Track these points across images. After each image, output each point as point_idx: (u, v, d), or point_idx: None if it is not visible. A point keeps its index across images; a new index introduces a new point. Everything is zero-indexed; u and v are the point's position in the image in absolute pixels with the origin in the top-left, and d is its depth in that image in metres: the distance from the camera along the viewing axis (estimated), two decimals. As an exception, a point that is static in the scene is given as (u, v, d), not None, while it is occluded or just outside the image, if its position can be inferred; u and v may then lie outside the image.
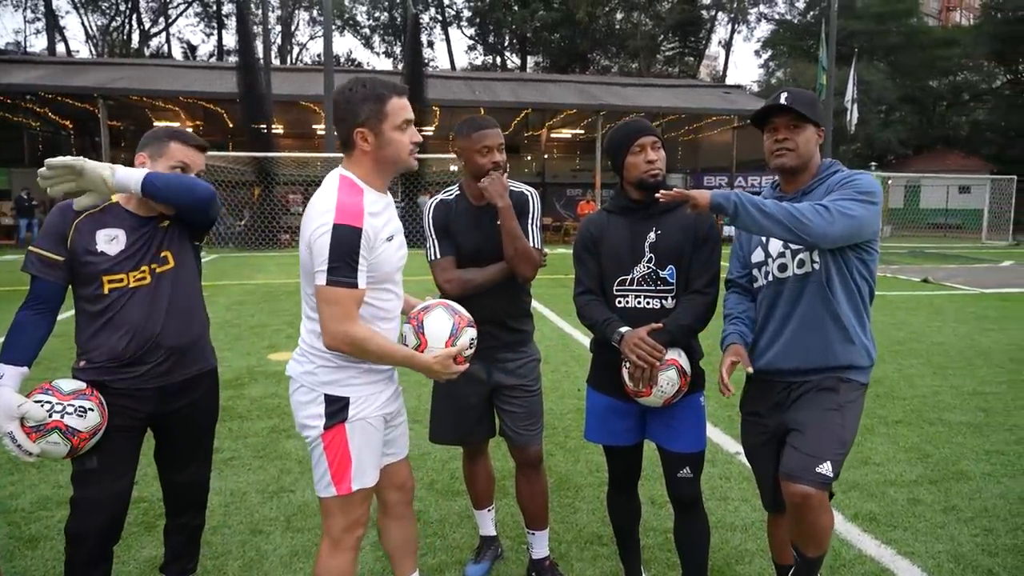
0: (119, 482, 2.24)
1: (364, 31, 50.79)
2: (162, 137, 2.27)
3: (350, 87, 2.03)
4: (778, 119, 2.23)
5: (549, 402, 5.39)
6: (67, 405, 2.07)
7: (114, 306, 2.21)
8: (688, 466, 2.46)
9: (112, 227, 2.21)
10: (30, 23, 48.64)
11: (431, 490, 3.75)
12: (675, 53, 49.99)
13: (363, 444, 2.08)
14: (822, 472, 2.04)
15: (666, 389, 2.30)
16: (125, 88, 25.56)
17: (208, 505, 3.47)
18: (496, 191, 2.55)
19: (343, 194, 1.98)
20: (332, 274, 1.90)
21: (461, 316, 2.20)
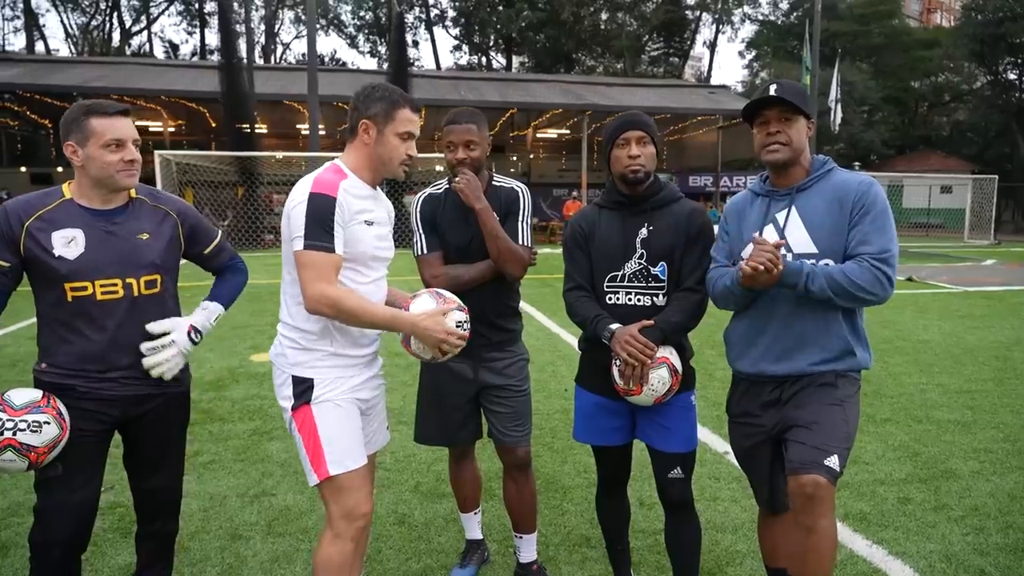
0: (86, 488, 2.14)
1: (349, 30, 50.58)
2: (79, 118, 2.06)
3: (373, 86, 2.17)
4: (769, 112, 2.17)
5: (535, 402, 5.30)
6: (19, 421, 1.95)
7: (80, 314, 2.09)
8: (679, 466, 2.41)
9: (68, 227, 2.08)
10: (8, 20, 48.09)
11: (416, 492, 3.67)
12: (660, 53, 50.19)
13: (332, 426, 2.08)
14: (830, 465, 1.99)
15: (657, 388, 2.25)
16: (104, 87, 25.18)
17: (186, 510, 3.41)
18: (472, 193, 2.48)
19: (323, 173, 2.10)
20: (308, 238, 1.99)
21: (447, 299, 2.21)
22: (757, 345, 2.24)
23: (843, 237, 2.12)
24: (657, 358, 2.25)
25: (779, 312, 2.18)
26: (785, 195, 2.22)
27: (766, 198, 2.26)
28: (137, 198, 2.22)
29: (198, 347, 2.36)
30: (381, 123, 2.11)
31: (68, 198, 2.12)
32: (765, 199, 2.27)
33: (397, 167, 2.16)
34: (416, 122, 2.16)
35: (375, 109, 2.10)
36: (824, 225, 2.14)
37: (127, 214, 2.18)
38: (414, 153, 2.18)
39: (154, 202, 2.26)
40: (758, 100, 2.18)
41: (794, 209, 2.19)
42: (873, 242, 2.08)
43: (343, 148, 2.20)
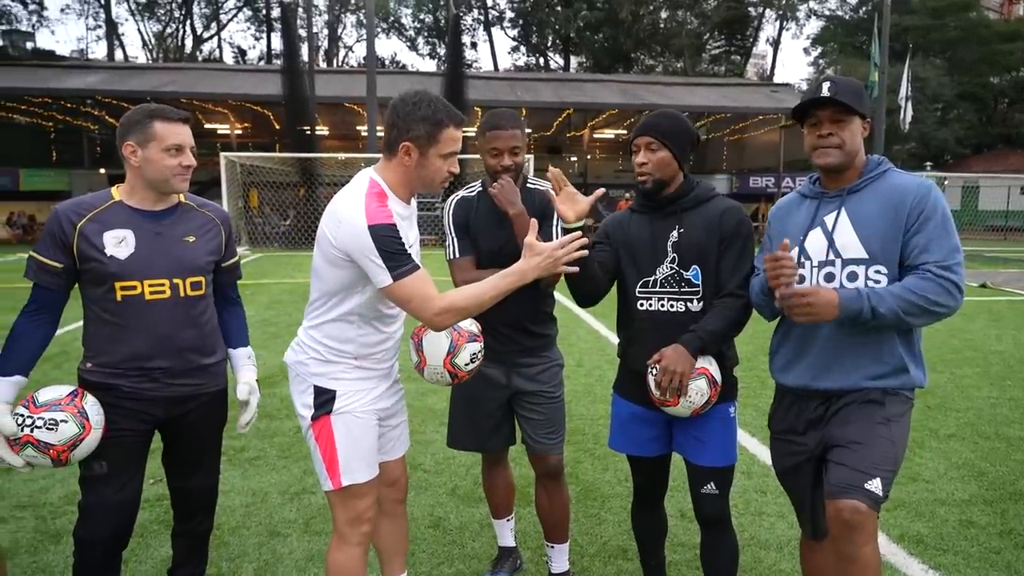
0: (127, 488, 2.19)
1: (409, 33, 51.33)
2: (143, 119, 2.10)
3: (415, 100, 2.01)
4: (821, 112, 2.04)
5: (580, 407, 5.27)
6: (36, 419, 1.99)
7: (128, 315, 2.14)
8: (713, 482, 2.31)
9: (118, 228, 2.13)
10: (92, 30, 50.62)
11: (453, 496, 3.65)
12: (721, 52, 49.20)
13: (350, 437, 2.09)
14: (871, 489, 1.86)
15: (695, 400, 2.16)
16: (176, 91, 26.26)
17: (229, 505, 3.49)
18: (507, 198, 2.42)
19: (368, 199, 1.97)
20: (394, 270, 1.92)
21: (460, 332, 2.18)
22: (803, 357, 2.11)
23: (897, 244, 1.99)
24: (697, 369, 2.16)
25: (821, 327, 2.06)
26: (835, 197, 2.09)
27: (814, 200, 2.14)
28: (184, 203, 2.27)
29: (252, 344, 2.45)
30: (424, 146, 2.00)
31: (118, 200, 2.18)
32: (813, 201, 2.14)
33: (439, 186, 2.09)
34: (459, 139, 2.06)
35: (418, 131, 1.99)
36: (877, 229, 2.01)
37: (174, 217, 2.22)
38: (456, 170, 2.09)
39: (199, 207, 2.31)
40: (810, 100, 2.05)
41: (844, 212, 2.06)
42: (935, 249, 1.95)
43: None
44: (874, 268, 2.00)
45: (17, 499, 3.58)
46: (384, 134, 2.07)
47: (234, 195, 22.06)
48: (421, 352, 2.18)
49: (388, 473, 2.32)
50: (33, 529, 3.26)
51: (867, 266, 2.01)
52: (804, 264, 2.10)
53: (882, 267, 2.00)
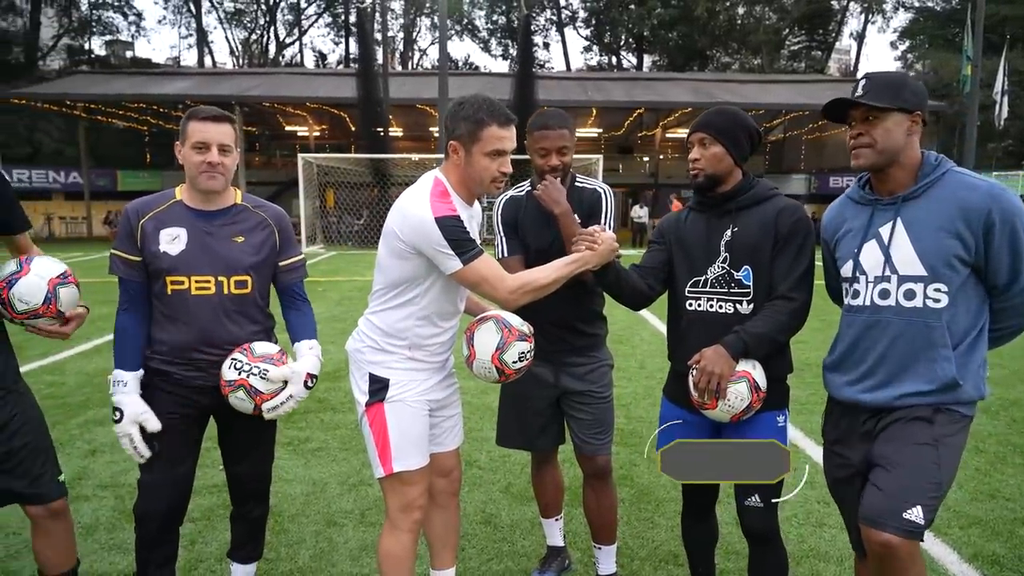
0: (178, 468, 2.31)
1: (482, 35, 51.80)
2: (184, 120, 2.24)
3: (461, 101, 2.13)
4: (853, 111, 1.95)
5: (640, 409, 5.21)
6: (253, 366, 2.19)
7: (176, 307, 2.26)
8: (758, 494, 2.23)
9: (174, 226, 2.26)
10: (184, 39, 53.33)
11: (506, 493, 3.68)
12: (801, 47, 47.55)
13: (401, 425, 2.16)
14: (910, 519, 1.76)
15: (734, 404, 2.10)
16: (258, 95, 27.37)
17: (291, 493, 3.63)
18: (551, 198, 2.42)
19: (434, 198, 2.08)
20: (463, 256, 2.03)
21: (511, 330, 2.21)
22: (854, 371, 2.02)
23: (961, 259, 1.86)
24: (737, 372, 2.10)
25: (884, 336, 1.96)
26: (890, 205, 1.96)
27: (867, 207, 2.02)
28: (240, 204, 2.37)
29: (321, 339, 2.49)
30: (467, 144, 2.09)
31: (179, 199, 2.31)
32: (866, 208, 2.02)
33: (489, 186, 2.14)
34: (507, 138, 2.10)
35: (460, 130, 2.08)
36: (937, 243, 1.87)
37: (227, 217, 2.32)
38: (508, 170, 2.14)
39: (254, 208, 2.40)
40: (833, 102, 1.97)
41: (899, 222, 1.93)
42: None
43: None
44: (933, 286, 1.89)
45: (100, 479, 3.82)
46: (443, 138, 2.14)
47: (311, 195, 22.83)
48: (472, 345, 2.22)
49: (442, 464, 2.38)
50: (112, 508, 3.48)
51: (926, 284, 1.89)
52: (859, 279, 2.00)
53: (942, 285, 1.88)
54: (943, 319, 1.89)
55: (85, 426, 4.70)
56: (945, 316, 1.89)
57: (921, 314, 1.91)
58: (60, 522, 2.26)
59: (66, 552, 2.32)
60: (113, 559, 2.97)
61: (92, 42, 45.50)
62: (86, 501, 3.54)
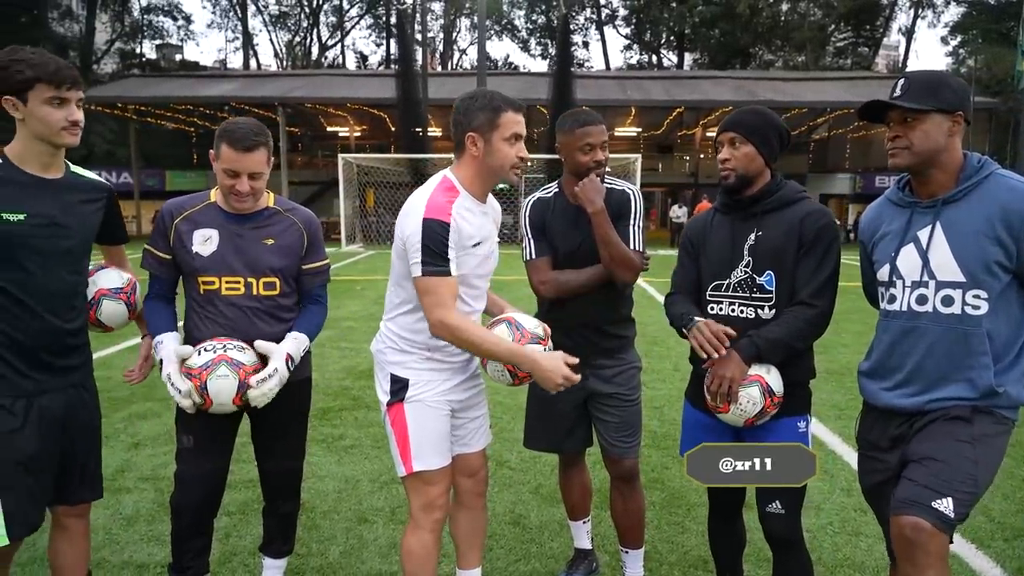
0: (213, 461, 2.38)
1: (521, 35, 51.88)
2: (217, 136, 2.25)
3: (472, 96, 2.16)
4: (891, 112, 1.90)
5: (673, 411, 5.15)
6: (228, 344, 2.24)
7: (207, 306, 2.33)
8: (778, 500, 2.19)
9: (206, 227, 2.33)
10: (230, 42, 54.65)
11: (536, 494, 3.68)
12: (847, 44, 46.45)
13: (422, 425, 2.18)
14: (939, 508, 1.71)
15: (746, 408, 2.07)
16: (300, 96, 27.84)
17: (323, 489, 3.69)
18: (588, 196, 2.41)
19: (437, 193, 2.12)
20: (425, 265, 2.04)
21: (523, 332, 2.19)
22: (890, 377, 1.98)
23: (1002, 265, 1.80)
24: (750, 375, 2.07)
25: (921, 343, 1.90)
26: (929, 208, 1.90)
27: (906, 209, 1.96)
28: (272, 207, 2.43)
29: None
30: (487, 132, 2.11)
31: (213, 201, 2.38)
32: (905, 211, 1.97)
33: (510, 172, 2.16)
34: (522, 122, 2.15)
35: (478, 120, 2.10)
36: (977, 248, 1.82)
37: (258, 220, 2.38)
38: (525, 155, 2.17)
39: (285, 211, 2.45)
40: (868, 105, 1.93)
41: (939, 226, 1.87)
42: None
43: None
44: (972, 293, 1.83)
45: (141, 472, 3.94)
46: (453, 136, 2.17)
47: (351, 195, 23.15)
48: None
49: (468, 465, 2.39)
50: (152, 500, 3.58)
51: (965, 290, 1.84)
52: (895, 283, 1.95)
53: (981, 291, 1.82)
54: (983, 326, 1.84)
55: (129, 420, 4.85)
56: (985, 323, 1.84)
57: (960, 321, 1.85)
58: (84, 522, 2.32)
59: (83, 554, 2.34)
60: (152, 550, 3.05)
61: (143, 46, 46.95)
62: (128, 493, 3.65)
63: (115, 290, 2.29)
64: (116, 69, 42.85)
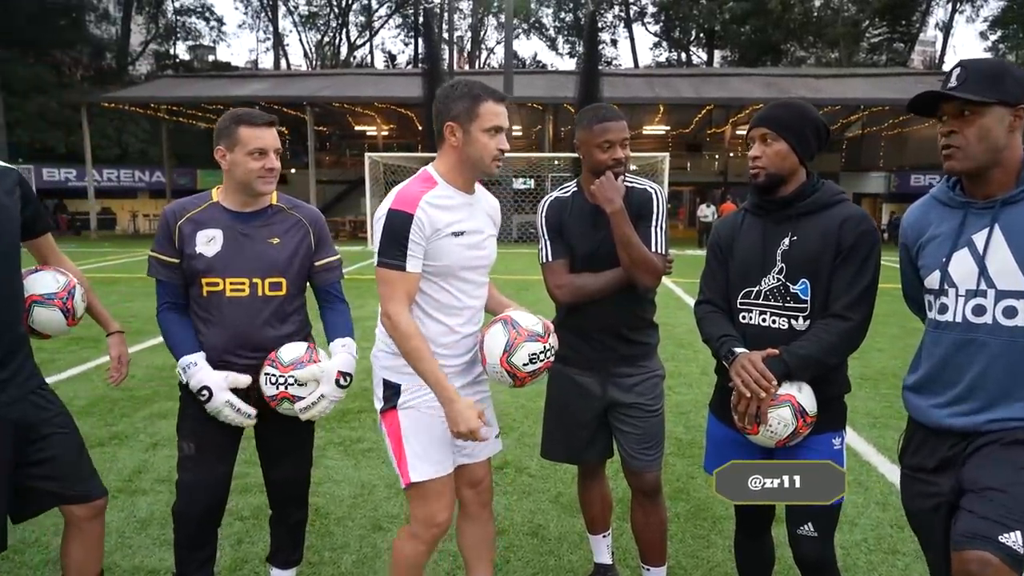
0: (215, 470, 2.30)
1: (549, 33, 51.70)
2: (230, 124, 2.20)
3: (452, 85, 2.10)
4: (945, 105, 1.71)
5: (700, 418, 5.00)
6: (288, 376, 2.17)
7: (211, 309, 2.26)
8: (811, 522, 2.05)
9: (210, 227, 2.26)
10: (261, 43, 55.27)
11: (556, 504, 3.57)
12: (882, 39, 45.43)
13: (415, 433, 2.10)
14: (1007, 543, 1.55)
15: (777, 430, 1.93)
16: (329, 96, 28.03)
17: (339, 495, 3.62)
18: (605, 195, 2.29)
19: (411, 184, 2.08)
20: (381, 255, 2.01)
21: (519, 331, 2.10)
22: (943, 394, 1.80)
23: None
24: (779, 395, 1.93)
25: (979, 357, 1.73)
26: (985, 209, 1.73)
27: (958, 211, 1.79)
28: (276, 205, 2.36)
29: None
30: (465, 122, 2.04)
31: (215, 201, 2.31)
32: (957, 212, 1.79)
33: (490, 164, 2.08)
34: (503, 114, 2.07)
35: (457, 109, 2.04)
36: None
37: (263, 219, 2.31)
38: (506, 147, 2.09)
39: (290, 209, 2.38)
40: (922, 95, 1.74)
41: (997, 229, 1.71)
42: None
43: (538, 148, 2.17)
44: None
45: (158, 473, 3.91)
46: (434, 125, 2.11)
47: (378, 193, 23.19)
48: (482, 349, 2.14)
49: (471, 475, 2.31)
50: (167, 503, 3.50)
51: None
52: (947, 292, 1.77)
53: None
54: None
55: (150, 419, 4.84)
56: None
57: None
58: (98, 522, 2.27)
59: (97, 556, 2.30)
60: (163, 555, 3.01)
61: (177, 47, 47.71)
62: (143, 495, 3.62)
63: (48, 296, 2.16)
64: (151, 70, 43.58)
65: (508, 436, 4.53)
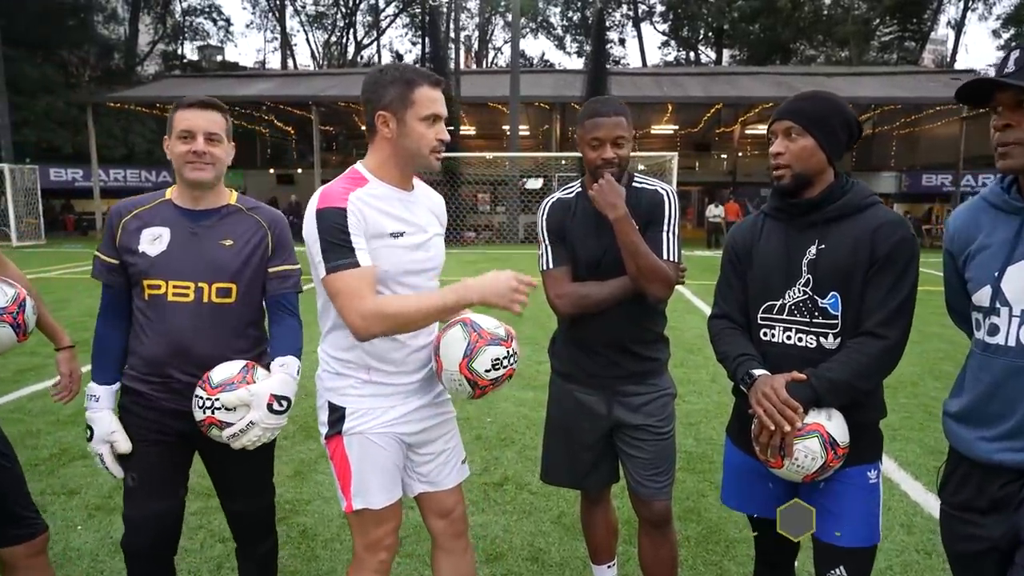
0: (161, 502, 2.09)
1: (557, 32, 51.44)
2: (172, 112, 2.04)
3: (381, 69, 1.88)
4: (1000, 95, 1.49)
5: (711, 428, 4.78)
6: (215, 400, 1.91)
7: (151, 315, 2.04)
8: (844, 565, 1.83)
9: (157, 225, 2.05)
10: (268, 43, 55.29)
11: (558, 524, 3.35)
12: (893, 38, 44.94)
13: (361, 460, 1.92)
14: None
15: (804, 464, 1.71)
16: (334, 95, 27.87)
17: (327, 514, 3.41)
18: (606, 200, 2.06)
19: (335, 183, 1.86)
20: (328, 262, 1.76)
21: (480, 334, 1.88)
22: (993, 426, 1.57)
23: None
24: (806, 425, 1.71)
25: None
26: None
27: (1014, 217, 1.56)
28: (233, 205, 2.15)
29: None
30: (399, 110, 1.82)
31: (168, 199, 2.11)
32: (1013, 218, 1.56)
33: (428, 156, 1.87)
34: (440, 100, 1.86)
35: (389, 96, 1.82)
36: None
37: (216, 218, 2.09)
38: (445, 137, 1.89)
39: (248, 211, 2.16)
40: (975, 81, 1.51)
41: None
42: None
43: (545, 147, 1.96)
44: None
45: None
46: (364, 116, 1.89)
47: (382, 194, 23.05)
48: (438, 355, 1.91)
49: (439, 505, 2.11)
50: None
51: None
52: (999, 310, 1.54)
53: None
54: None
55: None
56: None
57: None
58: (42, 558, 2.08)
59: None
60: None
61: (185, 48, 47.73)
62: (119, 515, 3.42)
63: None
64: (159, 70, 43.60)
65: (509, 449, 4.32)
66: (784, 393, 1.72)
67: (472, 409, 4.96)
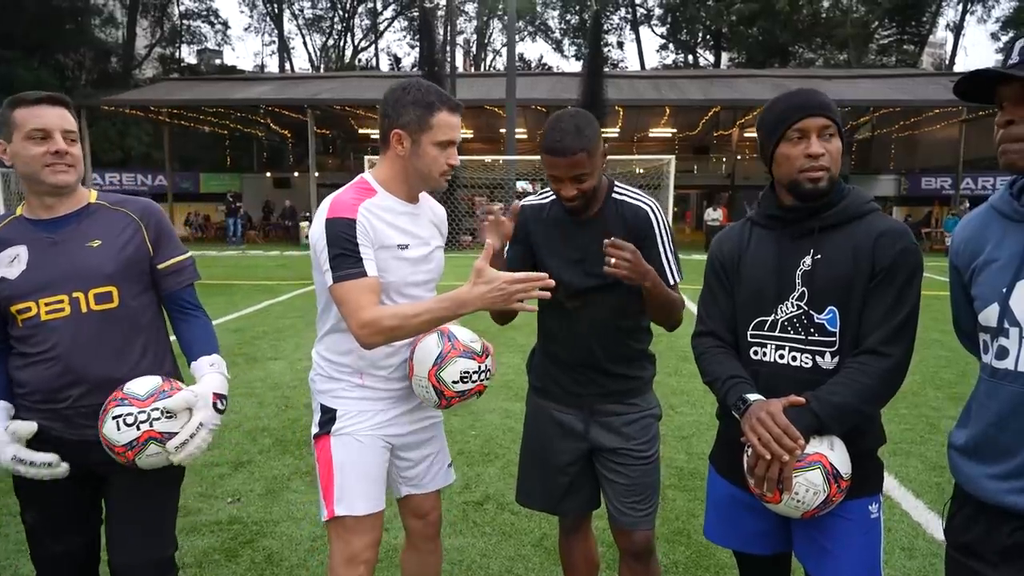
0: (66, 540, 1.91)
1: (555, 35, 51.39)
2: (4, 110, 1.79)
3: (404, 86, 1.90)
4: (1004, 89, 1.34)
5: (703, 443, 4.59)
6: (149, 411, 1.74)
7: (30, 342, 1.83)
8: None
9: (13, 245, 1.84)
10: (267, 46, 55.26)
11: (539, 548, 3.18)
12: (892, 41, 44.92)
13: (347, 462, 1.92)
14: None
15: (804, 498, 1.54)
16: (331, 99, 27.79)
17: (297, 535, 3.24)
18: (637, 272, 1.81)
19: (345, 192, 1.90)
20: (336, 270, 1.79)
21: (454, 344, 1.88)
22: (1002, 462, 1.39)
23: None
24: (807, 456, 1.55)
25: None
26: None
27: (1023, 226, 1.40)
28: (95, 203, 1.94)
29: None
30: (415, 132, 1.85)
31: (19, 215, 1.90)
32: (1022, 227, 1.39)
33: (437, 179, 1.92)
34: (457, 126, 1.89)
35: (408, 116, 1.85)
36: None
37: (76, 221, 1.88)
38: (455, 162, 1.92)
39: (114, 206, 1.95)
40: (976, 73, 1.35)
41: None
42: None
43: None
44: None
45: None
46: (379, 127, 1.91)
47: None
48: (411, 359, 1.93)
49: (418, 506, 2.16)
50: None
51: None
52: (1008, 332, 1.37)
53: None
54: None
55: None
56: None
57: None
58: None
59: None
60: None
61: (183, 51, 47.64)
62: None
63: None
64: (156, 74, 43.49)
65: (492, 465, 4.15)
66: (783, 419, 1.55)
67: (456, 421, 4.78)
